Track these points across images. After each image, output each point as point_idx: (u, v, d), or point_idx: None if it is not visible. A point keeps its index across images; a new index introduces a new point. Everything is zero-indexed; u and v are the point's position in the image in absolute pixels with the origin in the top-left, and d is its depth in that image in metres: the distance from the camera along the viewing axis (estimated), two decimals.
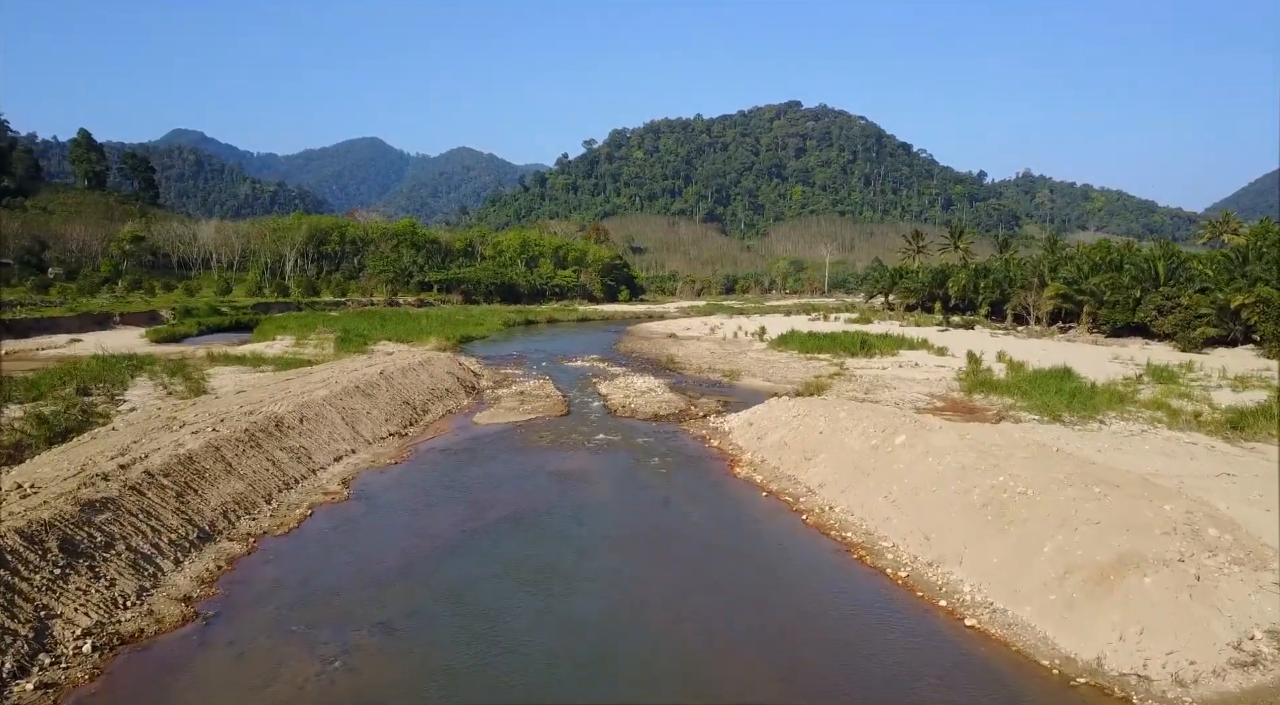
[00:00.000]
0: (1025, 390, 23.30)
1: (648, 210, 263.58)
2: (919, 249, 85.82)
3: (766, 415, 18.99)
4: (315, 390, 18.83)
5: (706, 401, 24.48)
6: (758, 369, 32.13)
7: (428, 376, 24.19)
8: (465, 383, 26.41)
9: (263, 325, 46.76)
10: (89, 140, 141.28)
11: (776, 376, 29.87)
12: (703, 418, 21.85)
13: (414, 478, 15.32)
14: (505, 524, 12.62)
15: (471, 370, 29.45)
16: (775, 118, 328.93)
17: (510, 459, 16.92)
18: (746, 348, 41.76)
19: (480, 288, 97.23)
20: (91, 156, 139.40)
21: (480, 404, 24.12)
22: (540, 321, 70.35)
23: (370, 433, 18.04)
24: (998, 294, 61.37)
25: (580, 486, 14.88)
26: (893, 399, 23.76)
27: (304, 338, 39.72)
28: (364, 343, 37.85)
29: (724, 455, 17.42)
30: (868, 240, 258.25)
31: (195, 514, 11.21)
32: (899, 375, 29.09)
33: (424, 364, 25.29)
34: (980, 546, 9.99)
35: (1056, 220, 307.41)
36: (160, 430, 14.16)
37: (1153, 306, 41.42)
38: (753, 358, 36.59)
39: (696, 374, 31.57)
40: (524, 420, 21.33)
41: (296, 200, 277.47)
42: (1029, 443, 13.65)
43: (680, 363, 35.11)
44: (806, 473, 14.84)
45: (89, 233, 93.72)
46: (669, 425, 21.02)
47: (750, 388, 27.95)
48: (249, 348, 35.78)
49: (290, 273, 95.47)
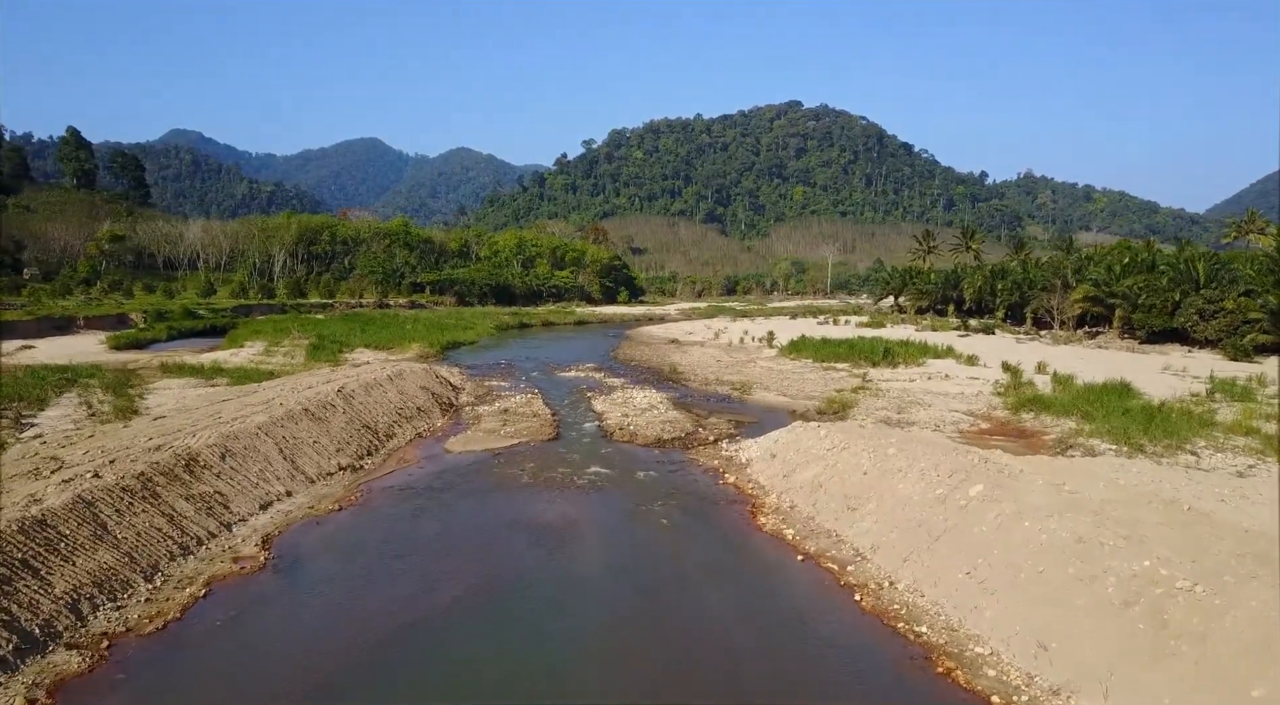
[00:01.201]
0: (1084, 410, 20.21)
1: (647, 211, 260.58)
2: (929, 249, 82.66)
3: (792, 444, 15.88)
4: (252, 415, 15.71)
5: (716, 422, 21.37)
6: (770, 381, 29.02)
7: (396, 393, 21.07)
8: (442, 399, 23.28)
9: (237, 330, 43.64)
10: (77, 138, 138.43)
11: (793, 390, 26.76)
12: (713, 443, 18.74)
13: (356, 533, 12.21)
14: (461, 609, 9.50)
15: (451, 383, 26.33)
16: (776, 118, 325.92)
17: (480, 504, 13.80)
18: (755, 355, 38.64)
19: (475, 289, 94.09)
20: (80, 155, 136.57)
21: (457, 425, 20.99)
22: (535, 325, 67.22)
23: (315, 468, 14.92)
24: (1016, 297, 58.28)
25: (564, 548, 11.76)
26: (930, 419, 20.68)
27: (276, 344, 36.60)
28: (339, 351, 34.75)
29: (743, 496, 14.31)
30: (869, 241, 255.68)
31: (24, 611, 8.08)
32: (930, 389, 25.99)
33: (394, 378, 22.17)
34: (1135, 674, 6.88)
35: (1058, 221, 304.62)
36: (25, 476, 11.04)
37: (1194, 310, 38.30)
38: (763, 367, 33.49)
39: (703, 387, 28.45)
40: (504, 447, 18.21)
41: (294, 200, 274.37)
42: (1151, 498, 10.53)
43: (684, 373, 31.98)
44: (851, 528, 11.74)
45: (71, 232, 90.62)
46: (674, 453, 17.90)
47: (765, 404, 24.83)
48: (212, 356, 32.66)
49: (279, 273, 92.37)
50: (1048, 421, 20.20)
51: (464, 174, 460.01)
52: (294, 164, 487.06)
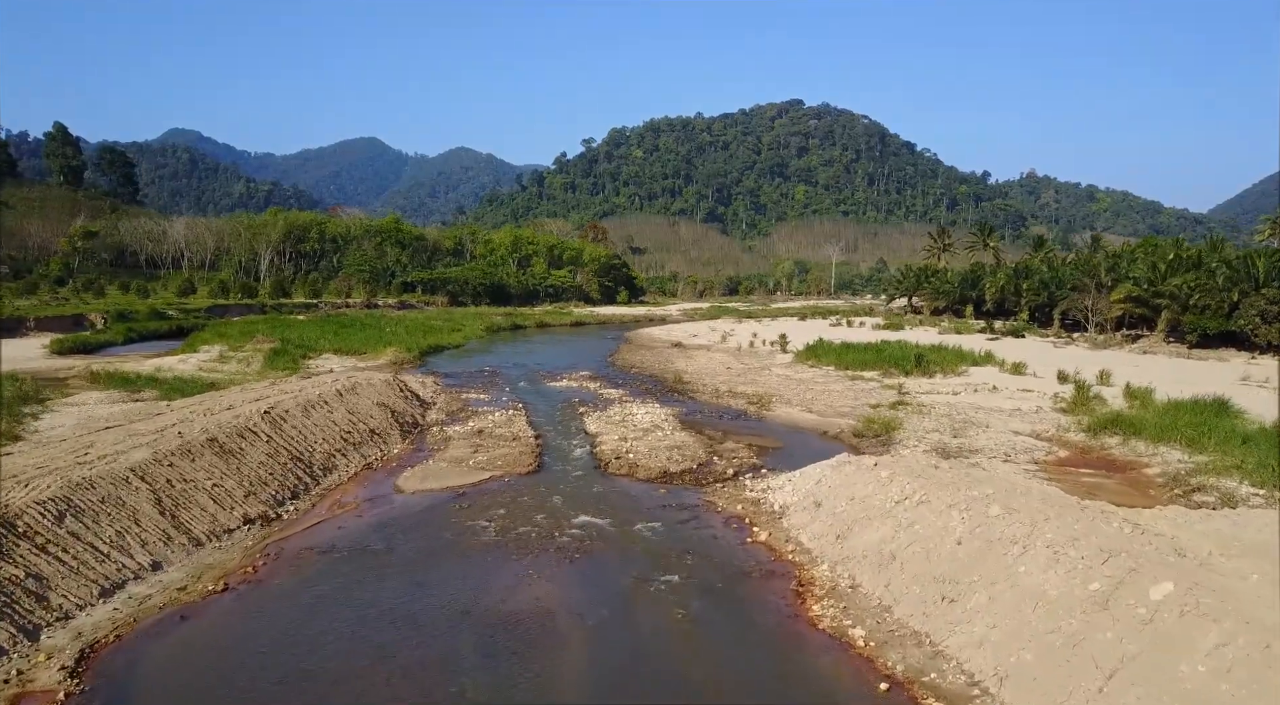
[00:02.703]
0: (1186, 435, 16.47)
1: (647, 210, 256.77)
2: (944, 247, 78.76)
3: (841, 487, 12.12)
4: (132, 450, 11.96)
5: (734, 447, 17.59)
6: (791, 392, 25.25)
7: (345, 412, 17.31)
8: (404, 418, 19.52)
9: (201, 332, 39.86)
10: (64, 134, 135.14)
11: (819, 404, 22.99)
12: (733, 478, 14.95)
13: (233, 634, 8.46)
14: None
15: (420, 397, 22.57)
16: (777, 116, 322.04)
17: (425, 579, 10.04)
18: (768, 361, 34.90)
19: (468, 289, 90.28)
20: (67, 151, 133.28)
21: (419, 451, 17.23)
22: (529, 326, 63.45)
23: (207, 524, 11.16)
24: (1043, 297, 54.50)
25: (532, 663, 7.98)
26: (995, 445, 16.94)
27: (237, 348, 32.84)
28: (304, 356, 31.02)
29: (781, 564, 10.56)
30: (871, 241, 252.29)
31: None
32: (978, 403, 22.25)
33: (345, 393, 18.39)
34: None
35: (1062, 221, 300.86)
36: None
37: (1255, 312, 34.55)
38: (779, 375, 29.75)
39: (714, 400, 24.66)
40: (471, 483, 14.43)
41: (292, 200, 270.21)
42: None
43: (691, 383, 28.21)
44: (954, 633, 7.99)
45: (49, 229, 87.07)
46: (685, 492, 14.12)
47: (789, 422, 21.06)
48: (156, 363, 28.90)
49: (265, 272, 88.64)
50: (1141, 449, 16.46)
51: (463, 174, 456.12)
52: (293, 163, 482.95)
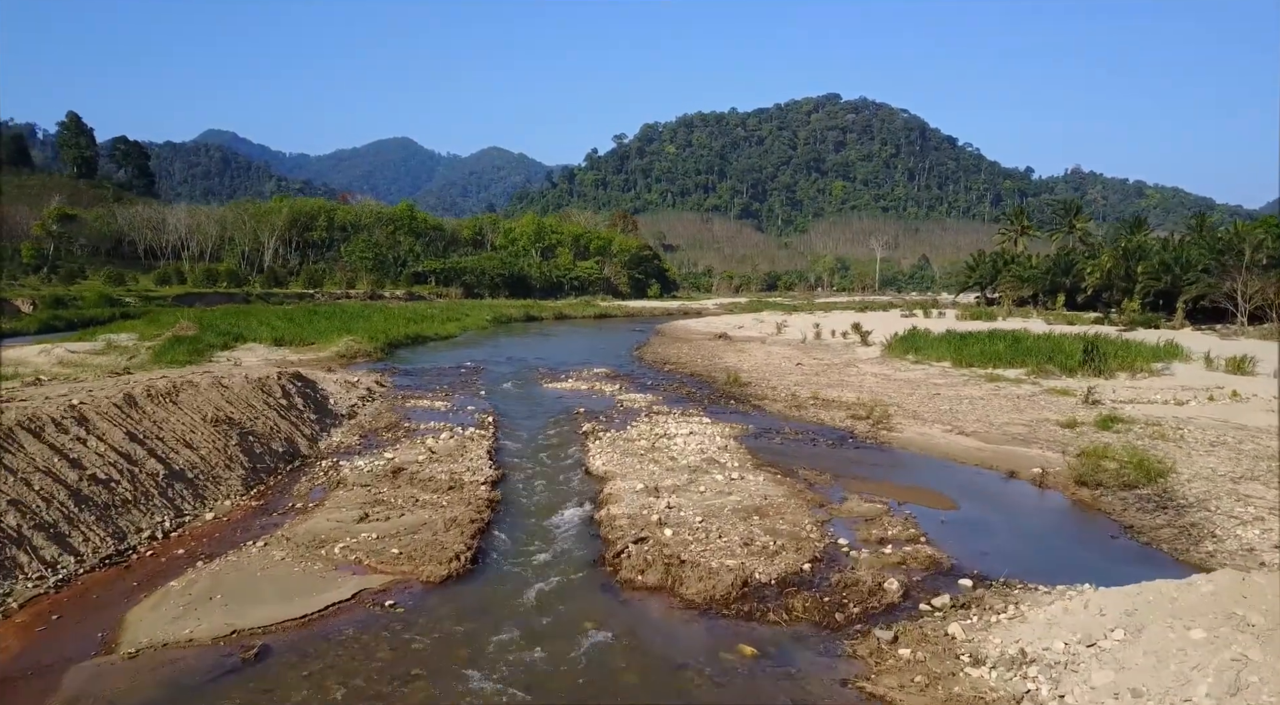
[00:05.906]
0: None
1: (680, 206, 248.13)
2: (1022, 230, 68.70)
3: None
4: None
5: (869, 510, 8.94)
6: (910, 400, 16.47)
7: (123, 436, 9.06)
8: (269, 443, 11.23)
9: (125, 321, 32.45)
10: (78, 124, 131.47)
11: (969, 419, 14.21)
12: (903, 604, 6.40)
13: None
14: None
15: (328, 404, 14.32)
16: (813, 111, 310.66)
17: None
18: (846, 355, 26.11)
19: (485, 280, 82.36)
20: (80, 141, 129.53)
21: (265, 510, 8.94)
22: (545, 317, 55.18)
23: None
24: (1164, 282, 44.71)
25: None
26: None
27: (150, 336, 25.11)
28: (225, 346, 23.10)
29: None
30: (913, 237, 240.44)
31: None
32: (1218, 416, 13.34)
33: (162, 396, 10.17)
34: None
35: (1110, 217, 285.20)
36: None
37: None
38: (875, 373, 20.98)
39: (793, 410, 15.95)
40: (311, 612, 6.06)
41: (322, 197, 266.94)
42: None
43: (753, 384, 19.53)
44: None
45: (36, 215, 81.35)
46: (798, 649, 5.61)
47: (937, 450, 12.32)
48: (15, 354, 21.19)
49: (270, 261, 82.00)
50: None
51: (495, 173, 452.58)
52: (327, 164, 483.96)
